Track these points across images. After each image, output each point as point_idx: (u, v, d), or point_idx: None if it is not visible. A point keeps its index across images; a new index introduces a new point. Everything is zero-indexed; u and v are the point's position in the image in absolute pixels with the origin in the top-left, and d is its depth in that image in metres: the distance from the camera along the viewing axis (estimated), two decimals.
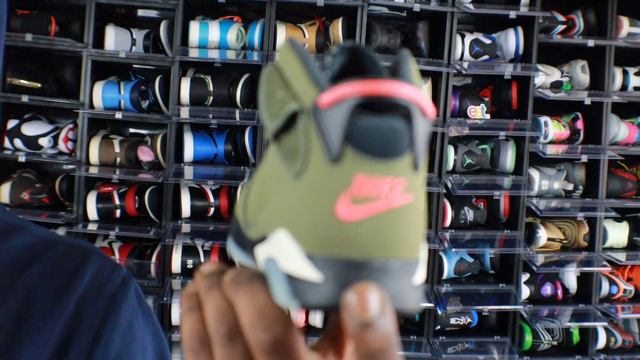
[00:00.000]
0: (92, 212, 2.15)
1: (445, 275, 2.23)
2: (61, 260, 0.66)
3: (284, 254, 0.26)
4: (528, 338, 2.25)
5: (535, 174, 2.27)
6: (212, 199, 2.18)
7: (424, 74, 2.24)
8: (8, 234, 0.65)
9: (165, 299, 2.04)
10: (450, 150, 2.22)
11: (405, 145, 0.25)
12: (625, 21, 2.29)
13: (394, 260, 0.25)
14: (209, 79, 2.14)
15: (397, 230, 0.25)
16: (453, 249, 2.09)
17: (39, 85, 2.20)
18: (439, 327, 2.25)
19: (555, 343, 2.30)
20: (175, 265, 2.12)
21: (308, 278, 0.25)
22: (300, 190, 0.26)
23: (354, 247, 0.25)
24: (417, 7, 2.14)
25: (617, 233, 2.32)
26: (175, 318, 2.11)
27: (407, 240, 0.25)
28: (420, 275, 0.27)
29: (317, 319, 2.21)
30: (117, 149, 2.20)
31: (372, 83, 0.24)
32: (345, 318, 0.25)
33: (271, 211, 0.27)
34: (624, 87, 2.34)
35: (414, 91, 0.25)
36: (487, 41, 2.23)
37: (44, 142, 2.17)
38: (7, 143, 2.19)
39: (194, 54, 2.12)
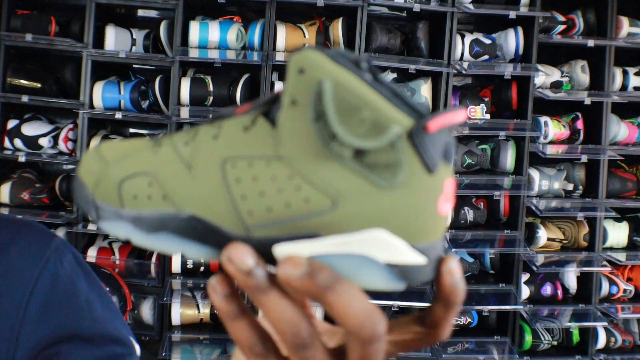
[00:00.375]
0: None
1: None
2: None
3: (382, 248, 0.32)
4: (528, 338, 2.25)
5: (535, 174, 2.27)
6: None
7: (424, 74, 2.24)
8: None
9: (165, 299, 2.04)
10: None
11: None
12: (625, 21, 2.29)
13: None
14: (209, 79, 2.14)
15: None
16: (453, 249, 2.09)
17: (39, 85, 2.21)
18: None
19: (555, 343, 2.30)
20: (175, 265, 2.12)
21: (415, 263, 0.32)
22: (402, 196, 0.32)
23: (442, 231, 0.34)
24: (417, 7, 2.14)
25: (617, 233, 2.32)
26: (175, 318, 2.11)
27: None
28: None
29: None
30: None
31: (458, 113, 0.31)
32: (447, 281, 0.33)
33: (345, 214, 0.32)
34: (624, 87, 2.34)
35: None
36: (487, 41, 2.23)
37: (44, 142, 2.17)
38: (7, 143, 2.19)
39: (194, 54, 2.12)
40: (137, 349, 0.71)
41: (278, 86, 2.14)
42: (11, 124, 2.19)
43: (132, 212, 0.35)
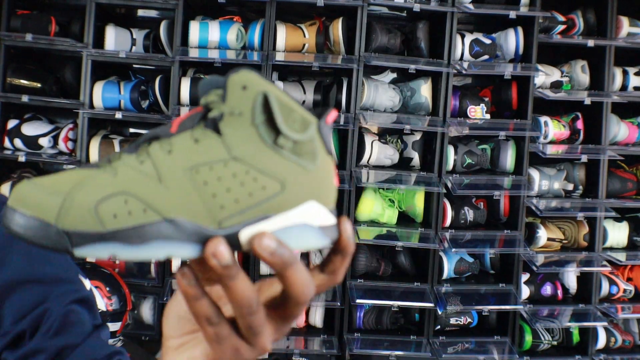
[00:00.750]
0: None
1: (445, 275, 2.22)
2: None
3: (315, 215, 0.42)
4: (528, 338, 2.25)
5: (535, 174, 2.27)
6: None
7: (424, 73, 2.24)
8: None
9: (165, 299, 2.04)
10: (450, 150, 2.22)
11: None
12: (625, 21, 2.29)
13: None
14: None
15: None
16: (453, 249, 2.09)
17: (39, 85, 2.21)
18: (439, 327, 2.25)
19: (555, 343, 2.30)
20: (175, 265, 2.12)
21: (333, 223, 0.43)
22: (320, 174, 0.42)
23: (335, 198, 0.44)
24: (417, 7, 2.14)
25: (617, 233, 2.32)
26: None
27: None
28: None
29: (317, 320, 2.21)
30: (117, 149, 2.20)
31: (334, 111, 0.43)
32: (344, 235, 0.43)
33: (290, 193, 0.41)
34: (624, 87, 2.34)
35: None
36: (487, 41, 2.23)
37: (44, 142, 2.17)
38: (7, 143, 2.19)
39: (194, 54, 2.12)
40: (87, 283, 0.83)
41: (279, 85, 2.14)
42: (11, 124, 2.19)
43: (117, 230, 0.39)
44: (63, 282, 0.77)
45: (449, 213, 2.21)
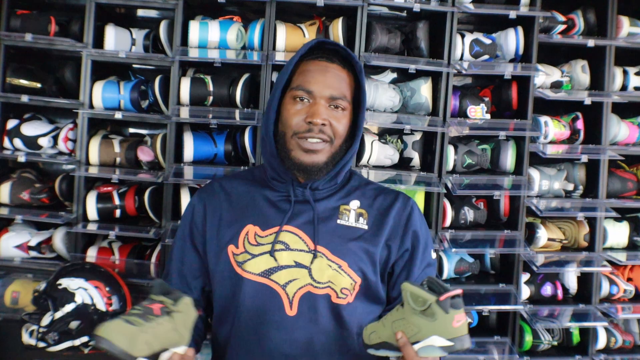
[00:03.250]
0: (92, 212, 2.15)
1: (445, 275, 2.22)
2: None
3: (437, 340, 1.04)
4: (528, 338, 2.25)
5: (535, 174, 2.27)
6: None
7: (424, 73, 2.24)
8: None
9: None
10: (450, 150, 2.22)
11: None
12: (625, 21, 2.29)
13: None
14: (208, 79, 2.14)
15: None
16: (453, 249, 2.09)
17: (38, 85, 2.20)
18: None
19: (555, 343, 2.30)
20: None
21: (449, 344, 1.04)
22: (438, 324, 1.04)
23: (459, 331, 1.06)
24: (417, 7, 2.13)
25: (617, 233, 2.32)
26: None
27: None
28: None
29: None
30: (117, 149, 2.20)
31: (456, 291, 1.04)
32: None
33: (419, 330, 1.06)
34: (624, 87, 2.34)
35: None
36: (487, 41, 2.23)
37: (43, 142, 2.17)
38: (7, 143, 2.18)
39: (193, 54, 2.12)
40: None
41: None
42: (11, 124, 2.19)
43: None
44: None
45: (449, 213, 2.20)
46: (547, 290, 2.27)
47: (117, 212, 2.19)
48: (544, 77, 2.27)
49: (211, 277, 1.32)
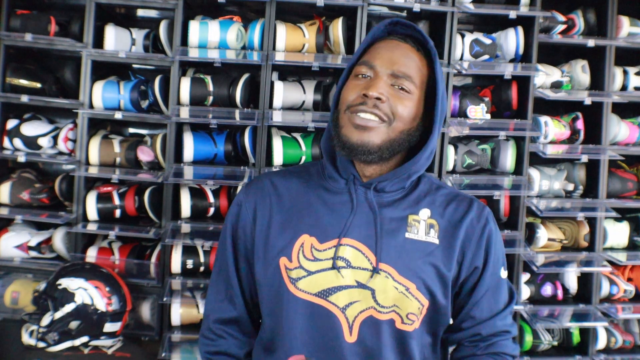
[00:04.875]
0: (91, 212, 2.15)
1: None
2: None
3: None
4: (528, 338, 2.25)
5: (535, 174, 2.27)
6: (212, 199, 2.18)
7: None
8: None
9: (165, 299, 2.04)
10: (450, 150, 2.22)
11: None
12: (625, 21, 2.29)
13: None
14: (208, 79, 2.14)
15: None
16: None
17: (38, 85, 2.20)
18: None
19: (555, 343, 2.30)
20: (175, 265, 2.11)
21: None
22: None
23: None
24: (417, 7, 2.13)
25: (617, 233, 2.32)
26: (175, 318, 2.10)
27: None
28: None
29: None
30: (116, 149, 2.20)
31: None
32: None
33: None
34: (624, 87, 2.34)
35: None
36: (487, 41, 2.23)
37: (43, 142, 2.17)
38: (6, 143, 2.18)
39: (193, 53, 2.12)
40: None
41: (277, 86, 2.14)
42: (11, 123, 2.19)
43: None
44: None
45: None
46: (547, 290, 2.27)
47: (117, 212, 2.19)
48: (544, 77, 2.27)
49: (259, 289, 1.18)
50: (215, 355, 1.23)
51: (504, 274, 1.21)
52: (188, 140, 2.14)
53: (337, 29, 2.15)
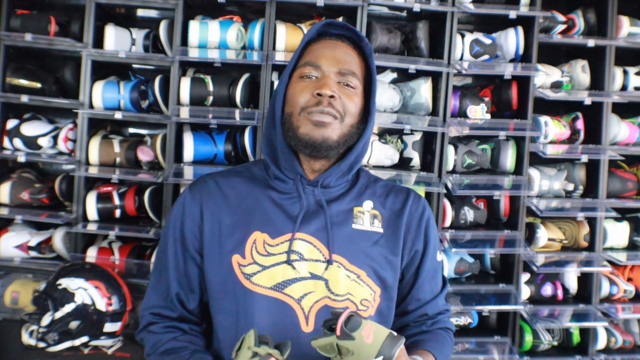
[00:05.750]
0: (91, 212, 2.15)
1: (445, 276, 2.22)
2: None
3: None
4: (528, 338, 2.25)
5: (535, 174, 2.27)
6: None
7: (424, 73, 2.24)
8: None
9: None
10: (450, 150, 2.22)
11: None
12: (625, 21, 2.29)
13: None
14: (208, 79, 2.14)
15: None
16: (453, 249, 2.09)
17: (38, 85, 2.20)
18: None
19: (555, 343, 2.30)
20: None
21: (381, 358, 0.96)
22: (356, 352, 0.95)
23: (370, 349, 0.96)
24: (417, 7, 2.13)
25: (617, 233, 2.32)
26: None
27: None
28: None
29: None
30: (116, 149, 2.20)
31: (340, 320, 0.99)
32: None
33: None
34: (624, 87, 2.34)
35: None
36: (487, 41, 2.23)
37: (43, 142, 2.17)
38: (6, 143, 2.18)
39: (193, 53, 2.12)
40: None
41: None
42: (11, 124, 2.19)
43: None
44: None
45: (449, 213, 2.20)
46: (547, 290, 2.27)
47: (117, 212, 2.19)
48: (544, 77, 2.27)
49: (210, 289, 1.20)
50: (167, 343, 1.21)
51: (439, 257, 1.31)
52: (188, 140, 2.14)
53: None
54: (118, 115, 2.12)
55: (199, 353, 1.16)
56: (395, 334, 0.97)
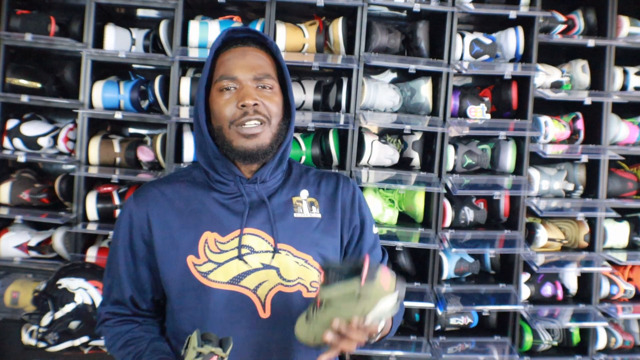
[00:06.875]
0: (91, 212, 2.15)
1: (445, 276, 2.22)
2: None
3: (385, 304, 1.02)
4: (528, 338, 2.25)
5: (535, 174, 2.27)
6: None
7: (424, 73, 2.24)
8: None
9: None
10: (450, 150, 2.22)
11: None
12: (625, 21, 2.29)
13: None
14: None
15: None
16: (453, 249, 2.08)
17: (38, 85, 2.20)
18: (439, 327, 2.25)
19: (555, 343, 2.30)
20: None
21: (397, 296, 1.04)
22: (374, 296, 1.01)
23: (387, 289, 1.05)
24: (417, 7, 2.13)
25: (617, 233, 2.32)
26: None
27: None
28: None
29: None
30: (116, 149, 2.20)
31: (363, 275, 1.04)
32: None
33: (363, 310, 1.02)
34: (624, 87, 2.34)
35: None
36: (487, 41, 2.23)
37: (43, 142, 2.17)
38: (6, 143, 2.18)
39: (193, 53, 2.12)
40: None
41: None
42: (11, 123, 2.19)
43: None
44: None
45: (449, 213, 2.20)
46: (547, 290, 2.27)
47: (117, 212, 2.19)
48: (544, 77, 2.27)
49: (169, 289, 1.25)
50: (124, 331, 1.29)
51: (375, 230, 1.39)
52: (188, 140, 2.14)
53: (337, 29, 2.15)
54: (118, 115, 2.12)
55: (156, 341, 1.25)
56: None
